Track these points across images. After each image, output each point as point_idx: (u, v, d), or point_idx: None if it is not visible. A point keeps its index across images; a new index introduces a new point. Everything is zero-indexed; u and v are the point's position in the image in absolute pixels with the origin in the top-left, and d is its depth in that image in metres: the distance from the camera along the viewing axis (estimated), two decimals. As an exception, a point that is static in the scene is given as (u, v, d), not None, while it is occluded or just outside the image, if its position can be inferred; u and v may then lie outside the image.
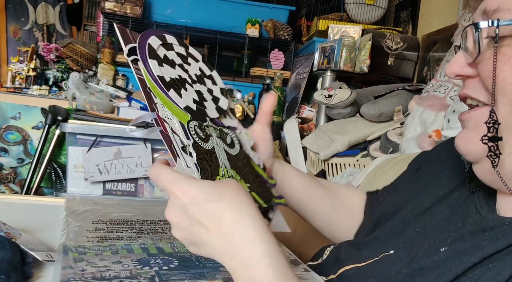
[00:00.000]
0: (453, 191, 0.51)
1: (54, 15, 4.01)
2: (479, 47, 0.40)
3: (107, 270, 0.48)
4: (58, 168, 2.14)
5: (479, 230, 0.42)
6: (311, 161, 1.78)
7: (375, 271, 0.50)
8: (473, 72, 0.43)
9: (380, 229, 0.57)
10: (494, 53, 0.39)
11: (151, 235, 0.63)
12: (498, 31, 0.38)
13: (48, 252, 0.54)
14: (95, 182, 1.97)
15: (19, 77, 2.59)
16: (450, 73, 0.45)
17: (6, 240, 0.52)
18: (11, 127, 2.26)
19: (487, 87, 0.41)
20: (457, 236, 0.44)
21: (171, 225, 0.44)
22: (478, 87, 0.43)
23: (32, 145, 2.28)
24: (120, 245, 0.56)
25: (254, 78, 2.73)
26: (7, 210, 0.81)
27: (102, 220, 0.67)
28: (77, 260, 0.50)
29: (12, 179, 2.29)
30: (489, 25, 0.39)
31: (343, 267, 0.55)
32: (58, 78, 2.66)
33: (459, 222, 0.46)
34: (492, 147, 0.40)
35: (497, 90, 0.39)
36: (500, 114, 0.39)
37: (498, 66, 0.39)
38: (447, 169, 0.56)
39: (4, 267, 0.47)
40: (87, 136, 1.94)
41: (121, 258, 0.52)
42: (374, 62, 1.92)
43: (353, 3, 2.32)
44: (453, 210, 0.48)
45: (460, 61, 0.43)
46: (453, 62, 0.44)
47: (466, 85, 0.44)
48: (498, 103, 0.39)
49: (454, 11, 1.84)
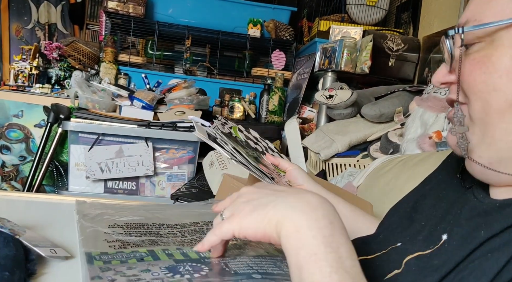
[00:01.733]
0: (453, 190, 0.54)
1: (56, 14, 4.02)
2: (451, 53, 0.46)
3: (138, 280, 0.47)
4: (59, 166, 2.15)
5: (474, 215, 0.45)
6: (312, 161, 1.79)
7: (383, 262, 0.52)
8: (454, 78, 0.49)
9: (386, 226, 0.61)
10: (460, 57, 0.45)
11: (171, 239, 0.62)
12: (463, 37, 0.45)
13: (52, 248, 0.55)
14: (96, 180, 1.98)
15: (22, 75, 2.60)
16: (436, 82, 0.51)
17: (9, 237, 0.52)
18: (14, 125, 2.27)
19: (463, 88, 0.46)
20: (456, 223, 0.47)
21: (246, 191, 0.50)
22: (459, 90, 0.48)
23: (34, 143, 2.29)
24: (144, 252, 0.55)
25: (255, 78, 2.74)
26: (9, 207, 0.82)
27: (117, 224, 0.66)
28: (104, 270, 0.49)
29: (14, 177, 2.31)
30: (455, 32, 0.45)
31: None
32: (60, 77, 2.67)
33: (457, 211, 0.49)
34: (460, 137, 0.46)
35: (469, 89, 0.45)
36: (474, 110, 0.45)
37: (469, 69, 0.45)
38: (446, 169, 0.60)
39: (7, 264, 0.48)
40: (89, 134, 1.95)
41: (149, 266, 0.51)
42: (375, 63, 1.92)
43: (354, 4, 2.32)
44: (453, 202, 0.52)
45: (442, 71, 0.50)
46: (437, 72, 0.50)
47: (450, 90, 0.50)
48: (472, 100, 0.45)
49: (455, 13, 1.84)
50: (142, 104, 2.01)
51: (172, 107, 2.12)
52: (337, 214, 0.45)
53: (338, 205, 0.77)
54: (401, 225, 0.57)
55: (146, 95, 2.06)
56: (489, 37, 0.43)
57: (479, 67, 0.44)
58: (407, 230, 0.55)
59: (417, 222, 0.54)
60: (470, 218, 0.45)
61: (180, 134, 2.00)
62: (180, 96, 2.15)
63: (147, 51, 2.80)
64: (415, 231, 0.53)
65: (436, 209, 0.53)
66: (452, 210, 0.50)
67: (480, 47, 0.44)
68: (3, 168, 2.30)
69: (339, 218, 0.45)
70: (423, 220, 0.53)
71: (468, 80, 0.45)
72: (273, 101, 2.42)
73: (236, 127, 0.84)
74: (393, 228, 0.58)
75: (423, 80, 1.98)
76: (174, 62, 2.90)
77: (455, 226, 0.46)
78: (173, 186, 2.05)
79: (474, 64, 0.44)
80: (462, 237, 0.44)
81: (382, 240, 0.58)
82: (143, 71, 2.54)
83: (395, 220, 0.60)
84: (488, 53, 0.43)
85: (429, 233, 0.50)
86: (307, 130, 2.08)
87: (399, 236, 0.55)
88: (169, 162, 2.06)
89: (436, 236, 0.48)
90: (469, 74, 0.45)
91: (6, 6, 3.79)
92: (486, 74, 0.43)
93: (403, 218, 0.58)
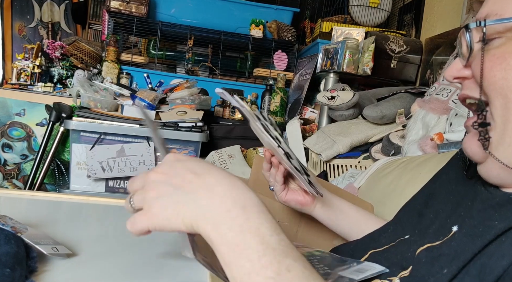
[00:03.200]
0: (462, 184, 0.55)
1: (59, 13, 4.02)
2: (470, 47, 0.45)
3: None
4: (61, 165, 2.15)
5: (487, 207, 0.45)
6: (313, 162, 1.79)
7: (391, 254, 0.53)
8: (469, 73, 0.48)
9: (396, 221, 0.62)
10: (482, 52, 0.44)
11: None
12: (485, 30, 0.43)
13: (54, 245, 0.55)
14: (98, 179, 1.98)
15: (24, 74, 2.60)
16: (449, 76, 0.49)
17: (11, 234, 0.52)
18: (16, 123, 2.27)
19: (482, 85, 0.45)
20: (467, 214, 0.47)
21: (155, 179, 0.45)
22: (473, 86, 0.47)
23: (36, 142, 2.29)
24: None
25: (257, 78, 2.74)
26: (11, 205, 0.82)
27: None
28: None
29: (16, 175, 2.31)
30: (477, 25, 0.44)
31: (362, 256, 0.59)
32: (62, 76, 2.68)
33: (469, 203, 0.49)
34: (482, 132, 0.45)
35: (489, 86, 0.44)
36: (495, 107, 0.44)
37: (488, 65, 0.44)
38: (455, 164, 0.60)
39: (9, 261, 0.48)
40: (90, 133, 1.95)
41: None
42: (377, 65, 1.92)
43: (357, 5, 2.32)
44: (463, 195, 0.52)
45: (457, 66, 0.49)
46: (451, 67, 0.49)
47: (464, 86, 0.49)
48: (492, 97, 0.44)
49: (458, 15, 1.84)
50: (144, 104, 2.01)
51: (174, 107, 2.12)
52: (248, 191, 0.43)
53: (344, 207, 0.77)
54: (411, 220, 0.57)
55: (148, 94, 2.06)
56: (510, 33, 0.43)
57: (499, 63, 0.43)
58: (416, 225, 0.55)
59: (427, 216, 0.54)
60: (482, 209, 0.45)
61: (181, 133, 2.00)
62: (182, 96, 2.15)
63: (149, 51, 2.80)
64: (424, 225, 0.53)
65: (445, 204, 0.53)
66: (462, 203, 0.50)
67: (501, 42, 0.43)
68: (4, 167, 2.30)
69: (252, 195, 0.43)
70: (433, 214, 0.54)
71: (488, 77, 0.44)
72: (274, 102, 2.42)
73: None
74: (402, 222, 0.59)
75: (425, 82, 1.98)
76: (176, 62, 2.90)
77: (466, 217, 0.47)
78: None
79: (494, 60, 0.43)
80: (474, 227, 0.44)
81: (391, 234, 0.58)
82: (145, 71, 2.54)
83: (404, 216, 0.60)
84: (509, 49, 0.43)
85: (439, 225, 0.50)
86: (309, 131, 2.08)
87: (408, 230, 0.55)
88: (170, 162, 2.06)
89: (446, 228, 0.48)
90: (489, 70, 0.44)
91: (9, 5, 3.79)
92: (506, 70, 0.42)
93: (413, 214, 0.58)
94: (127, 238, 0.71)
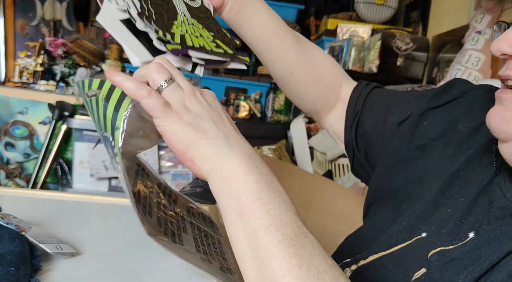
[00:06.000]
0: (482, 171, 0.49)
1: (61, 11, 4.02)
2: None
3: None
4: (64, 163, 2.14)
5: (507, 215, 0.42)
6: (318, 161, 1.77)
7: (408, 257, 0.48)
8: None
9: (408, 212, 0.54)
10: None
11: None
12: None
13: (58, 244, 0.54)
14: (100, 178, 1.97)
15: (27, 72, 2.59)
16: (496, 50, 0.41)
17: (15, 233, 0.51)
18: (18, 122, 2.26)
19: None
20: (485, 220, 0.43)
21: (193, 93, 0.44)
22: None
23: (39, 140, 2.28)
24: None
25: (261, 76, 2.72)
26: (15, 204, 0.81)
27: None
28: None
29: (18, 174, 2.30)
30: None
31: (371, 255, 0.53)
32: (65, 74, 2.67)
33: (486, 205, 0.45)
34: None
35: None
36: None
37: None
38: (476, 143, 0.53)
39: (13, 260, 0.47)
40: (93, 132, 1.94)
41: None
42: (383, 63, 1.90)
43: (363, 2, 2.30)
44: (480, 190, 0.47)
45: (510, 39, 0.40)
46: (503, 39, 0.40)
47: (511, 66, 0.41)
48: None
49: (465, 12, 1.82)
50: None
51: (178, 105, 2.11)
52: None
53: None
54: (426, 212, 0.51)
55: (151, 92, 2.05)
56: None
57: None
58: (432, 217, 0.50)
59: (443, 208, 0.49)
60: (502, 217, 0.42)
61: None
62: (185, 94, 2.14)
63: (153, 49, 2.79)
64: (441, 219, 0.48)
65: (463, 195, 0.48)
66: (480, 200, 0.46)
67: None
68: (7, 165, 2.29)
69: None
70: (450, 206, 0.49)
71: None
72: (279, 100, 2.40)
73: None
74: (417, 214, 0.52)
75: (432, 80, 1.96)
76: (180, 60, 2.89)
77: (484, 224, 0.43)
78: (177, 185, 2.03)
79: None
80: (494, 238, 0.41)
81: (405, 227, 0.52)
82: (148, 69, 2.53)
83: (420, 206, 0.53)
84: None
85: (455, 226, 0.46)
86: (314, 129, 2.06)
87: (424, 224, 0.50)
88: (173, 161, 2.05)
89: (463, 232, 0.44)
90: None
91: (11, 3, 3.79)
92: None
93: (428, 204, 0.51)
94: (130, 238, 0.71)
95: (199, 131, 0.41)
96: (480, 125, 0.54)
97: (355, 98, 0.72)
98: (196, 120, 0.41)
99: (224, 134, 0.41)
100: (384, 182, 0.61)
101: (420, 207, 0.52)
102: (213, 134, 0.41)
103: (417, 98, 0.65)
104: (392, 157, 0.61)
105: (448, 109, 0.59)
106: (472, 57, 1.58)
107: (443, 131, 0.57)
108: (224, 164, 0.39)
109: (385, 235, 0.54)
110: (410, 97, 0.67)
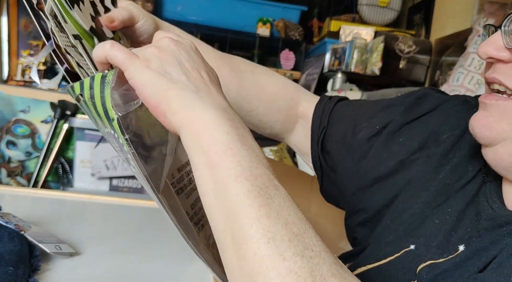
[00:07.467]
0: (470, 181, 0.49)
1: (65, 10, 4.03)
2: None
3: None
4: (65, 162, 2.14)
5: (495, 226, 0.41)
6: (320, 163, 1.77)
7: (397, 270, 0.47)
8: (508, 56, 0.40)
9: (395, 224, 0.53)
10: None
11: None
12: None
13: (57, 244, 0.54)
14: (102, 178, 1.97)
15: (29, 71, 2.60)
16: (483, 53, 0.41)
17: (14, 232, 0.51)
18: (20, 120, 2.26)
19: None
20: (474, 233, 0.43)
21: (171, 48, 0.41)
22: (511, 73, 0.40)
23: (40, 139, 2.28)
24: None
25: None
26: (15, 203, 0.81)
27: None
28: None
29: (20, 172, 2.30)
30: None
31: (360, 267, 0.52)
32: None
33: (474, 217, 0.44)
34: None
35: None
36: None
37: None
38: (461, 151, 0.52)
39: (12, 259, 0.47)
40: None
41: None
42: (386, 65, 1.90)
43: (366, 4, 2.30)
44: (468, 202, 0.47)
45: (497, 43, 0.40)
46: (489, 42, 0.40)
47: (497, 69, 0.41)
48: None
49: (468, 15, 1.81)
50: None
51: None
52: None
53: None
54: (414, 223, 0.50)
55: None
56: None
57: None
58: (420, 228, 0.49)
59: (430, 219, 0.49)
60: (490, 228, 0.42)
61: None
62: (187, 95, 2.14)
63: (155, 49, 2.79)
64: (429, 232, 0.48)
65: (450, 206, 0.48)
66: (468, 212, 0.46)
67: None
68: (9, 164, 2.29)
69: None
70: (437, 217, 0.48)
71: None
72: (281, 102, 2.40)
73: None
74: (404, 227, 0.51)
75: (434, 83, 1.96)
76: (182, 61, 2.89)
77: (474, 236, 0.43)
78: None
79: None
80: (483, 248, 0.40)
81: (393, 240, 0.51)
82: (151, 69, 2.53)
83: (406, 218, 0.52)
84: None
85: (444, 238, 0.45)
86: (315, 131, 2.06)
87: (412, 236, 0.49)
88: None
89: (452, 245, 0.44)
90: None
91: (15, 1, 3.79)
92: None
93: (415, 215, 0.51)
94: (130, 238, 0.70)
95: (167, 81, 0.38)
96: (463, 133, 0.53)
97: (319, 113, 0.70)
98: (164, 67, 0.39)
99: (195, 85, 0.39)
100: (365, 204, 0.60)
101: (407, 219, 0.52)
102: (182, 85, 0.38)
103: (384, 109, 0.64)
104: (368, 178, 0.60)
105: (423, 122, 0.58)
106: (475, 60, 1.57)
107: (423, 143, 0.56)
108: (193, 117, 0.36)
109: (373, 247, 0.53)
110: (377, 109, 0.65)
